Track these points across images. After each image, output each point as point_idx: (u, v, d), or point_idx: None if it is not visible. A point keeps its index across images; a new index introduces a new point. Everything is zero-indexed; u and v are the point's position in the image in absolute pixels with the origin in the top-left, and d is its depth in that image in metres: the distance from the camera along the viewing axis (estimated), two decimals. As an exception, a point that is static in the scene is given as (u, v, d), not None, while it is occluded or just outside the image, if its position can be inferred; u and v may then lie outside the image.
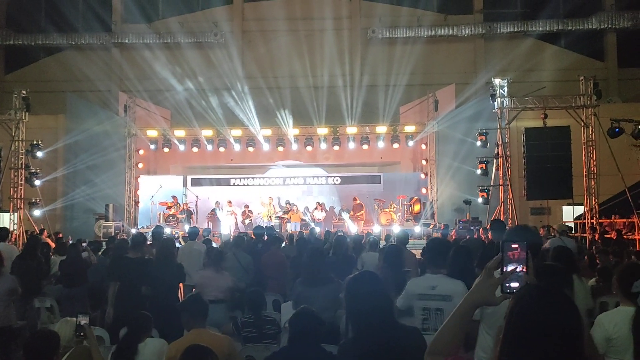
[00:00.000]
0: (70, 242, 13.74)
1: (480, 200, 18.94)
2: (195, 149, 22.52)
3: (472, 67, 24.69)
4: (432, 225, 19.44)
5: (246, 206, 22.06)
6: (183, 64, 24.23)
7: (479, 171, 19.03)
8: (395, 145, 22.04)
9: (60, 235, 15.23)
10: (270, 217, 20.81)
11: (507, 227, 9.86)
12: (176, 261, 7.38)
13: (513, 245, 1.96)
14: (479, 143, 19.00)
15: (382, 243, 12.01)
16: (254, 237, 12.80)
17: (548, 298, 1.74)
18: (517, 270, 1.94)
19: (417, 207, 21.07)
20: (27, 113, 18.81)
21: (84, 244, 11.29)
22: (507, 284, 1.94)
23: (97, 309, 8.75)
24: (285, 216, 20.81)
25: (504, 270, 1.95)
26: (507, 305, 1.83)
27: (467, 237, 10.88)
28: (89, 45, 25.03)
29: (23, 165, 18.94)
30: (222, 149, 22.45)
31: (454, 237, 12.59)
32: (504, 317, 1.78)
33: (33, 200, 18.92)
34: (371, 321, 2.82)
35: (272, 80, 24.25)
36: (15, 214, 18.71)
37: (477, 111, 20.16)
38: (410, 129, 22.23)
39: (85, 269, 9.34)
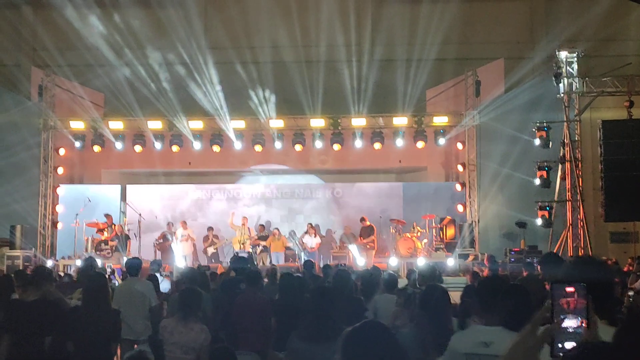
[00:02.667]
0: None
1: (539, 222, 18.92)
2: (137, 148, 22.47)
3: (528, 35, 24.72)
4: (471, 257, 19.41)
5: (210, 229, 22.01)
6: (122, 29, 24.14)
7: (537, 181, 19.03)
8: (420, 144, 22.03)
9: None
10: (243, 244, 20.75)
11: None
12: (110, 306, 7.33)
13: (568, 289, 1.92)
14: (537, 141, 19.01)
15: (404, 281, 11.94)
16: (221, 272, 12.78)
17: None
18: (573, 325, 1.89)
19: (450, 232, 21.03)
20: None
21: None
22: (559, 345, 1.89)
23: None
24: (263, 243, 20.76)
25: (555, 324, 1.91)
26: None
27: (525, 273, 10.86)
28: (-11, 2, 24.93)
29: None
30: (175, 149, 22.42)
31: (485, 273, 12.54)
32: None
33: None
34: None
35: (248, 52, 24.21)
36: None
37: (535, 97, 20.16)
38: (441, 120, 22.23)
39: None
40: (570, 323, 1.88)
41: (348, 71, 23.27)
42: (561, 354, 1.86)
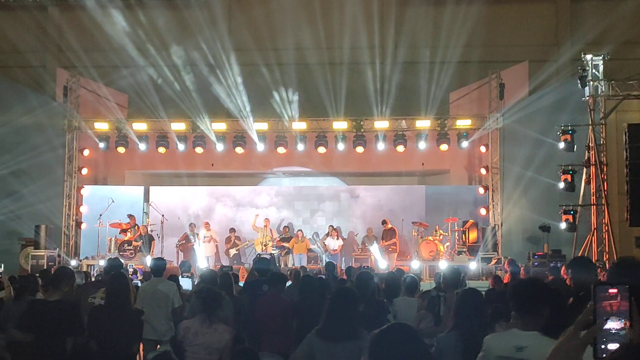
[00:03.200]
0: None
1: (563, 225, 18.80)
2: (161, 150, 22.62)
3: (553, 38, 24.59)
4: (494, 261, 19.36)
5: (232, 230, 22.14)
6: (147, 29, 24.31)
7: (561, 184, 18.92)
8: (444, 147, 21.99)
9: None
10: (265, 245, 20.84)
11: (597, 267, 9.75)
12: (132, 306, 7.40)
13: (611, 291, 1.94)
14: (562, 145, 18.89)
15: (426, 284, 11.94)
16: (243, 274, 12.84)
17: None
18: (616, 327, 1.91)
19: (473, 235, 21.00)
20: None
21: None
22: (602, 346, 1.91)
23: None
24: (286, 245, 20.81)
25: (598, 325, 1.93)
26: None
27: (550, 277, 10.79)
28: (17, 3, 25.18)
29: None
30: (199, 150, 22.54)
31: (507, 279, 12.49)
32: None
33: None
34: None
35: (271, 54, 24.29)
36: None
37: (559, 100, 20.08)
38: (464, 123, 22.20)
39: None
40: (613, 325, 1.91)
41: (371, 73, 23.27)
42: (604, 355, 1.88)
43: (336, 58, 24.06)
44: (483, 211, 22.06)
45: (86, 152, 23.18)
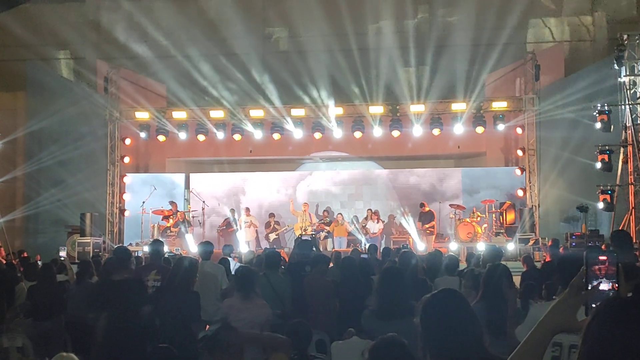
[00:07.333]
0: (39, 261, 14.52)
1: (600, 205, 18.84)
2: (200, 137, 22.94)
3: (590, 18, 24.48)
4: (532, 242, 19.51)
5: (271, 215, 22.55)
6: (183, 21, 24.58)
7: (598, 165, 18.92)
8: (479, 130, 22.04)
9: (25, 255, 15.96)
10: (305, 230, 21.20)
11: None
12: (192, 289, 7.81)
13: (600, 258, 2.22)
14: (598, 125, 18.87)
15: (463, 266, 12.24)
16: (285, 258, 13.26)
17: (632, 312, 1.91)
18: (605, 288, 2.19)
19: (510, 216, 21.19)
20: (-23, 91, 19.62)
21: (62, 256, 11.79)
22: (592, 305, 2.16)
23: (80, 348, 9.38)
24: (327, 228, 21.16)
25: (593, 287, 2.20)
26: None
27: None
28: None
29: (-27, 162, 19.80)
30: (237, 137, 22.83)
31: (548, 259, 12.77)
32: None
33: (-13, 208, 19.75)
34: (456, 353, 3.05)
35: (304, 40, 24.46)
36: (-36, 226, 19.54)
37: (595, 80, 19.99)
38: (500, 105, 22.25)
39: (61, 296, 9.97)
40: (602, 287, 2.18)
41: (404, 57, 23.26)
42: None
43: (370, 43, 24.10)
44: (520, 192, 22.16)
45: (128, 141, 23.58)
